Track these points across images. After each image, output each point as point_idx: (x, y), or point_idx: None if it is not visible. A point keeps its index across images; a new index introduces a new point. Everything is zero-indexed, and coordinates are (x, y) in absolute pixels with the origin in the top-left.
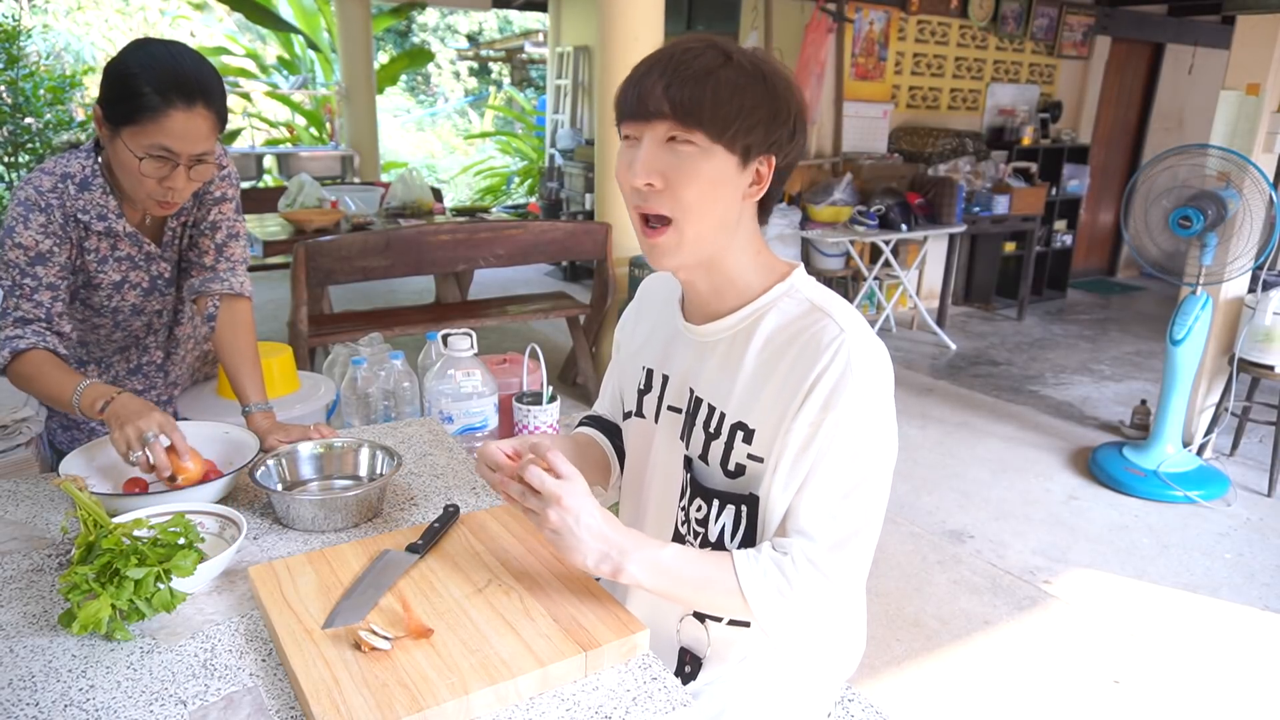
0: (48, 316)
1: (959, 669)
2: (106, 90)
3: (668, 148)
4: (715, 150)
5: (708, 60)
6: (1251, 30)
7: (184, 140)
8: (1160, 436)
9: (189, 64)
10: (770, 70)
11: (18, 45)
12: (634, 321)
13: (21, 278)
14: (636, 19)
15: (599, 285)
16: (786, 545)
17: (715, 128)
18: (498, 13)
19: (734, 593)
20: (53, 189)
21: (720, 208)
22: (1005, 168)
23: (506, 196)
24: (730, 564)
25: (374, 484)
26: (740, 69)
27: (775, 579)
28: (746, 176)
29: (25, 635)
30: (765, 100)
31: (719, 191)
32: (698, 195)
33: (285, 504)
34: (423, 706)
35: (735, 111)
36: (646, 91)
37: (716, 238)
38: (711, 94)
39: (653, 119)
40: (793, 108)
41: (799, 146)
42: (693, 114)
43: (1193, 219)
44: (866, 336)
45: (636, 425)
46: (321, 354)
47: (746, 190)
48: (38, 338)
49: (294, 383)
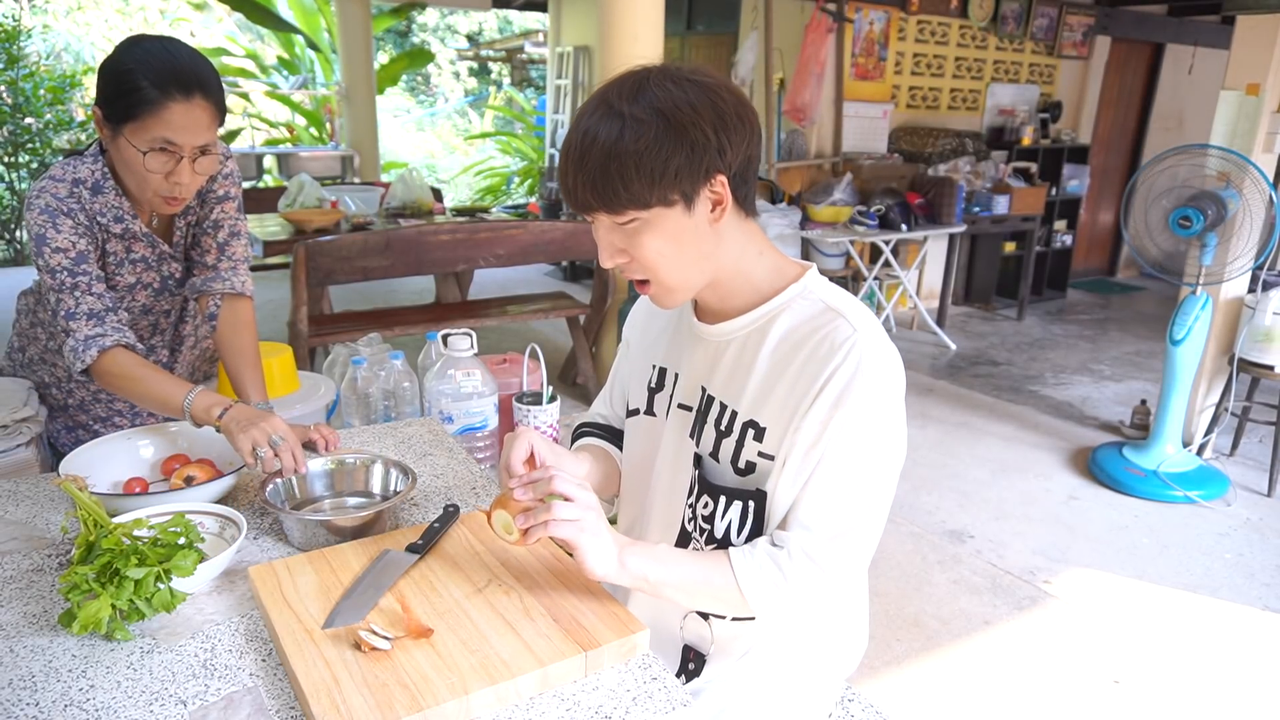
0: (114, 307)
1: (959, 669)
2: (103, 89)
3: (616, 229)
4: (655, 213)
5: (605, 137)
6: (1251, 30)
7: (185, 132)
8: (1160, 436)
9: (184, 56)
10: (669, 104)
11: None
12: (645, 319)
13: (73, 276)
14: (636, 19)
15: (599, 285)
16: (784, 538)
17: (641, 201)
18: (498, 13)
19: (731, 588)
20: (70, 194)
21: (690, 251)
22: (1005, 168)
23: (506, 196)
24: (726, 560)
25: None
26: (638, 125)
27: (770, 572)
28: (701, 209)
29: (25, 635)
30: (676, 142)
31: (681, 241)
32: (659, 256)
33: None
34: (423, 706)
35: (651, 177)
36: (570, 191)
37: (703, 270)
38: (619, 175)
39: (589, 211)
40: (708, 121)
41: (744, 140)
42: (614, 200)
43: (1193, 219)
44: (879, 337)
45: (645, 423)
46: (321, 354)
47: (709, 218)
48: (118, 333)
49: (294, 383)
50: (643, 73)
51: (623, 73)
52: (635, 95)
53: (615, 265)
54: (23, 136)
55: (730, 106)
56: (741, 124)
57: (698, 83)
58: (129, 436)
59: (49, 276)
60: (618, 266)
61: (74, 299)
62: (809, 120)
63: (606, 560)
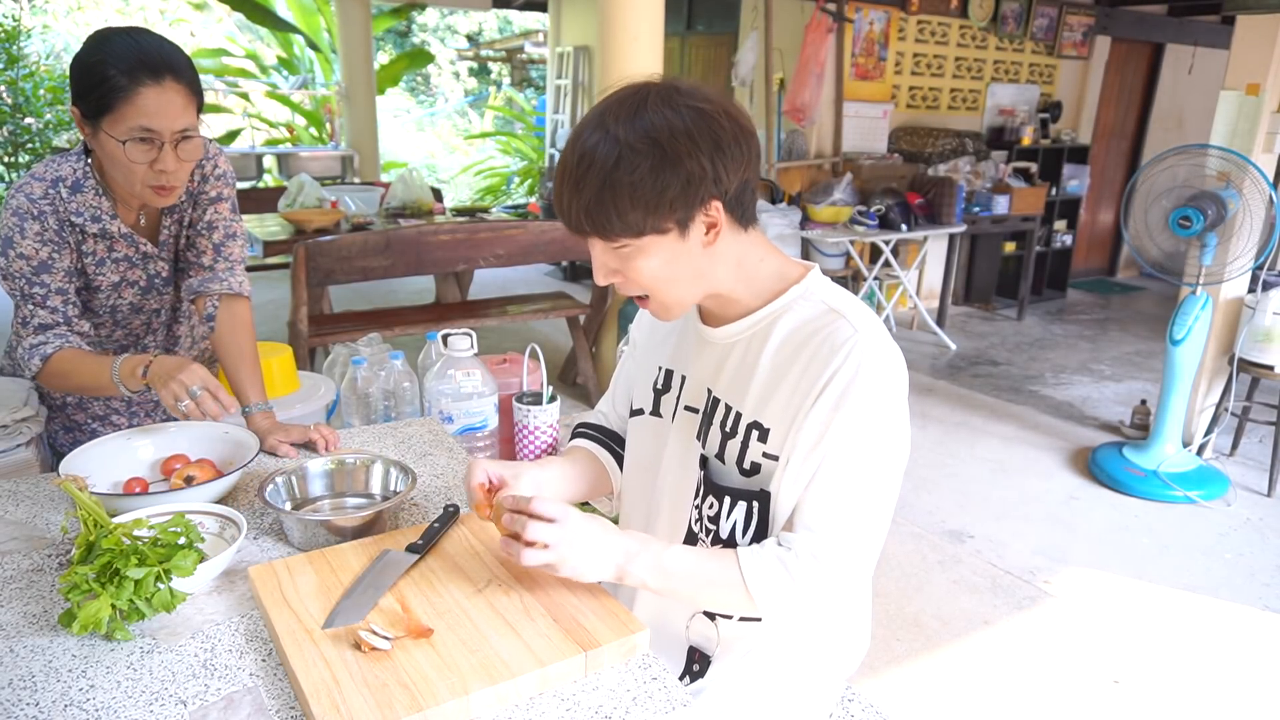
0: (65, 319)
1: (959, 668)
2: (76, 85)
3: (610, 251)
4: (648, 240)
5: (600, 162)
6: (1251, 30)
7: (160, 117)
8: (1160, 436)
9: (150, 43)
10: (666, 133)
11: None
12: (652, 320)
13: (30, 286)
14: (636, 19)
15: (599, 285)
16: (790, 540)
17: (634, 230)
18: (498, 13)
19: (738, 587)
20: (44, 195)
21: (684, 272)
22: (1005, 168)
23: (506, 196)
24: (734, 560)
25: (388, 502)
26: (634, 155)
27: (778, 572)
28: (696, 233)
29: (25, 635)
30: (671, 173)
31: (675, 263)
32: (653, 277)
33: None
34: (423, 706)
35: (645, 207)
36: (564, 211)
37: (698, 287)
38: (614, 204)
39: (582, 233)
40: (704, 151)
41: (741, 165)
42: (608, 227)
43: (1193, 219)
44: (881, 338)
45: (650, 424)
46: (321, 354)
47: (703, 241)
48: (61, 340)
49: (294, 383)
50: (643, 92)
51: (622, 89)
52: (633, 118)
53: (609, 284)
54: (23, 136)
55: (728, 132)
56: (739, 148)
57: (695, 108)
58: (129, 436)
59: (7, 280)
60: (614, 285)
61: (30, 309)
62: (809, 120)
63: (596, 571)
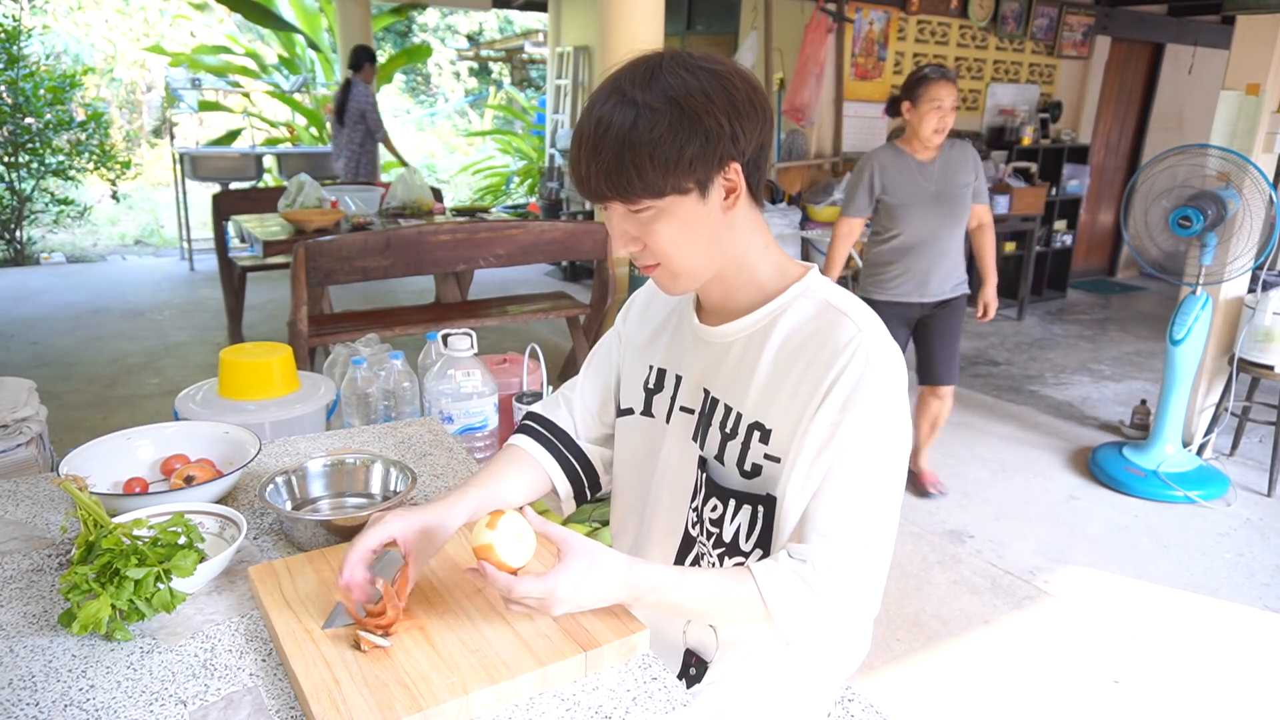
0: None
1: (958, 668)
2: None
3: (630, 216)
4: (669, 201)
5: (619, 126)
6: (1251, 30)
7: None
8: (1160, 436)
9: None
10: (683, 92)
11: (18, 45)
12: (641, 314)
13: None
14: (636, 19)
15: (599, 285)
16: (805, 552)
17: (655, 190)
18: (498, 13)
19: (755, 603)
20: None
21: (702, 238)
22: (1005, 168)
23: (506, 196)
24: (749, 577)
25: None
26: (652, 114)
27: (798, 587)
28: (715, 196)
29: (25, 635)
30: (690, 130)
31: (694, 229)
32: (672, 243)
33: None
34: (423, 706)
35: (665, 166)
36: (583, 179)
37: (713, 257)
38: (634, 165)
39: (602, 200)
40: (721, 108)
41: (757, 126)
42: (629, 189)
43: (1193, 219)
44: (882, 336)
45: (641, 425)
46: (321, 354)
47: (723, 205)
48: None
49: (294, 383)
50: (655, 59)
51: (634, 59)
52: (648, 82)
53: (628, 253)
54: (23, 136)
55: (743, 93)
56: (754, 110)
57: (710, 70)
58: (129, 436)
59: None
60: (630, 255)
61: None
62: (809, 120)
63: (593, 602)
